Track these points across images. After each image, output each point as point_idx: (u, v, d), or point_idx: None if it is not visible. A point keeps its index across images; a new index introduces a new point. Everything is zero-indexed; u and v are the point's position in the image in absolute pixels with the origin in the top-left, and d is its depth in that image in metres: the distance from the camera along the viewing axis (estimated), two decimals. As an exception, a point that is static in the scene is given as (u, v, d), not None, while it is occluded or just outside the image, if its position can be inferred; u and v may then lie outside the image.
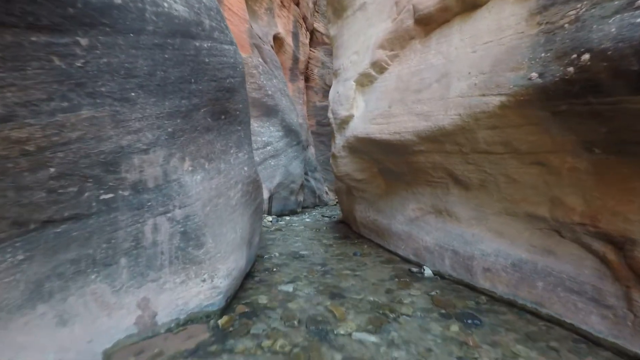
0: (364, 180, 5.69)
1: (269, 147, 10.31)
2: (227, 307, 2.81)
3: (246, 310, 2.80)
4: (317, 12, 19.08)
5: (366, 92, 4.95)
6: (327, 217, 9.99)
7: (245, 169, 3.39)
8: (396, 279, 3.80)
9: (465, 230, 3.76)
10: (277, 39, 14.34)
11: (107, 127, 2.11)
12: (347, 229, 7.45)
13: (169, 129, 2.43)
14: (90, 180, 2.13)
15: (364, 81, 4.93)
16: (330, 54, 19.49)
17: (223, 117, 3.04)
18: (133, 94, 2.18)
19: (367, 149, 4.93)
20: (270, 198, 9.49)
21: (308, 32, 17.80)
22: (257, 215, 3.94)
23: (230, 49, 3.04)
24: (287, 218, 9.51)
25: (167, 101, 2.38)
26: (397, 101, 4.18)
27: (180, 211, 2.52)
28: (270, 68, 11.94)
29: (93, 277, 2.23)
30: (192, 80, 2.57)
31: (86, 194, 2.13)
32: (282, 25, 14.64)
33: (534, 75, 2.45)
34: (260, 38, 12.14)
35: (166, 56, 2.34)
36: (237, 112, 3.24)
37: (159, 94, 2.33)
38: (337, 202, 15.29)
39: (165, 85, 2.36)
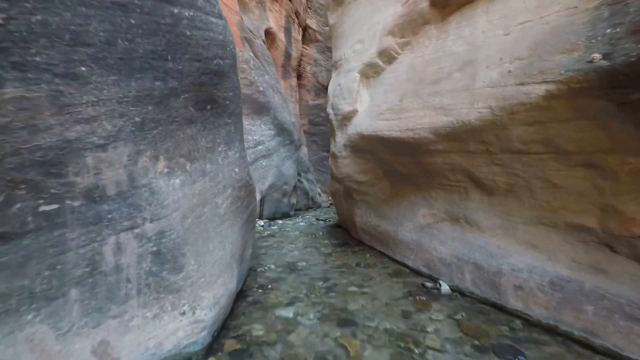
0: (366, 183, 5.20)
1: (260, 147, 9.73)
2: (214, 344, 2.25)
3: (237, 347, 2.25)
4: (310, 8, 18.56)
5: (372, 84, 4.45)
6: (322, 220, 9.47)
7: (237, 170, 2.83)
8: (411, 297, 3.30)
9: (489, 241, 3.30)
10: (269, 34, 13.75)
11: (46, 113, 1.53)
12: (345, 235, 6.94)
13: (137, 119, 1.86)
14: (23, 186, 1.54)
15: (370, 72, 4.43)
16: (323, 51, 19.01)
17: (209, 107, 2.48)
18: (84, 68, 1.60)
19: (372, 147, 4.43)
20: (262, 200, 8.91)
21: (300, 29, 17.27)
22: (249, 224, 3.38)
23: (219, 23, 2.49)
24: (280, 222, 8.94)
25: (134, 81, 1.81)
26: (409, 94, 3.69)
27: (153, 225, 1.95)
28: (262, 63, 11.35)
29: (29, 317, 1.65)
30: (169, 57, 2.01)
31: (16, 206, 1.54)
32: (274, 19, 14.06)
33: (597, 56, 1.99)
34: (251, 32, 11.53)
35: (132, 21, 1.77)
36: (227, 102, 2.68)
37: (122, 71, 1.75)
38: (330, 204, 14.79)
39: (131, 61, 1.79)
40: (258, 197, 8.75)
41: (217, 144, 2.61)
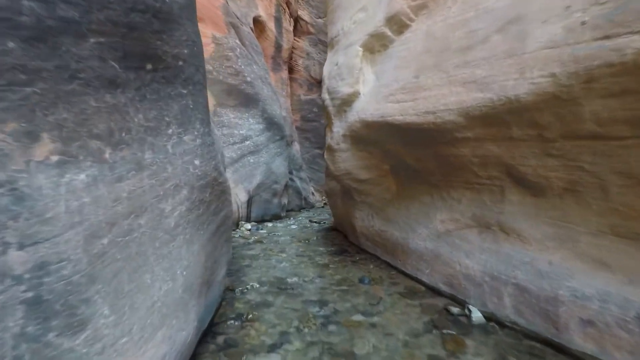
0: (369, 181, 4.40)
1: (247, 142, 8.86)
2: None
3: None
4: (302, -2, 17.68)
5: (378, 60, 3.65)
6: (315, 222, 8.66)
7: (197, 162, 1.99)
8: (435, 330, 2.52)
9: (537, 256, 2.53)
10: (258, 23, 12.86)
11: None
12: (343, 240, 6.15)
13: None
14: None
15: (375, 45, 3.63)
16: (316, 44, 18.18)
17: (150, 66, 1.64)
18: None
19: (378, 137, 3.63)
20: (249, 201, 8.05)
21: (292, 19, 16.39)
22: (221, 236, 2.55)
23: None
24: (270, 225, 8.10)
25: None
26: (428, 68, 2.91)
27: (23, 255, 1.11)
28: (250, 52, 10.47)
29: None
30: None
31: None
32: (263, 7, 13.16)
33: None
34: (237, 18, 10.62)
35: None
36: (180, 63, 1.84)
37: None
38: (325, 204, 13.99)
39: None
40: (245, 197, 7.90)
41: (166, 123, 1.77)
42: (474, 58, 2.52)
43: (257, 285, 3.50)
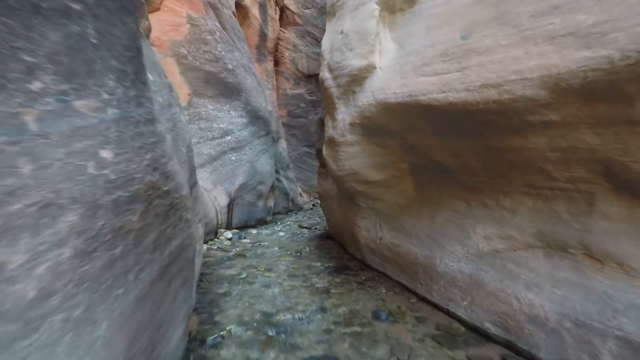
0: (380, 183, 3.49)
1: (228, 137, 7.82)
2: None
3: None
4: (288, -15, 16.63)
5: (400, 23, 2.73)
6: (306, 228, 7.71)
7: (106, 154, 1.00)
8: (511, 416, 1.64)
9: (658, 299, 1.70)
10: (241, 8, 11.75)
11: None
12: (341, 251, 5.24)
13: None
14: None
15: (397, 2, 2.72)
16: (303, 36, 17.15)
17: None
18: None
19: (401, 125, 2.71)
20: (231, 205, 7.00)
21: (278, 8, 15.31)
22: (172, 282, 1.57)
23: None
24: (254, 232, 7.08)
25: None
26: (485, 23, 2.02)
27: None
28: (231, 37, 9.38)
29: None
30: None
31: None
32: (247, -9, 12.07)
33: None
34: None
35: None
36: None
37: None
38: (314, 206, 13.06)
39: None
40: (226, 200, 6.85)
41: (24, 69, 0.78)
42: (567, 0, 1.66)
43: (237, 330, 2.52)
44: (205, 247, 5.32)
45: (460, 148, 2.49)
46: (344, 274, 4.08)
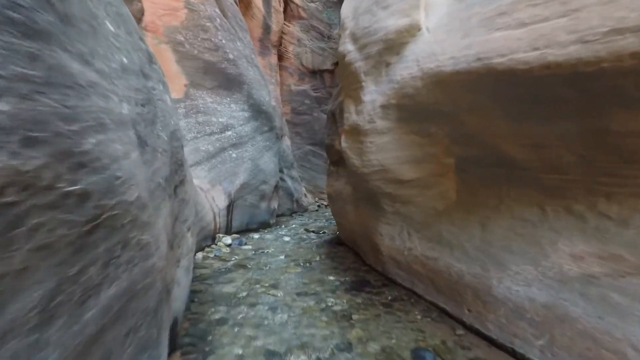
0: (414, 183, 2.81)
1: (229, 133, 7.16)
2: None
3: None
4: (293, -23, 15.98)
5: (456, -34, 2.05)
6: (313, 232, 7.03)
7: None
8: None
9: None
10: (243, -3, 11.10)
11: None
12: (356, 260, 4.56)
13: None
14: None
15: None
16: (308, 30, 16.48)
17: None
18: None
19: (454, 105, 2.03)
20: (230, 207, 6.33)
21: (282, 0, 14.65)
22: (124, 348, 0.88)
23: None
24: (256, 237, 6.41)
25: None
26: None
27: None
28: (233, 26, 8.74)
29: None
30: None
31: None
32: (250, -21, 11.44)
33: None
34: (218, -16, 8.85)
35: None
36: None
37: None
38: (319, 207, 12.38)
39: None
40: (225, 201, 6.17)
41: None
42: None
43: (235, 382, 1.84)
44: (200, 255, 4.66)
45: (545, 135, 1.80)
46: (364, 291, 3.39)
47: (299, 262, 4.47)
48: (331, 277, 3.82)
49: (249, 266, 4.25)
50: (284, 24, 15.26)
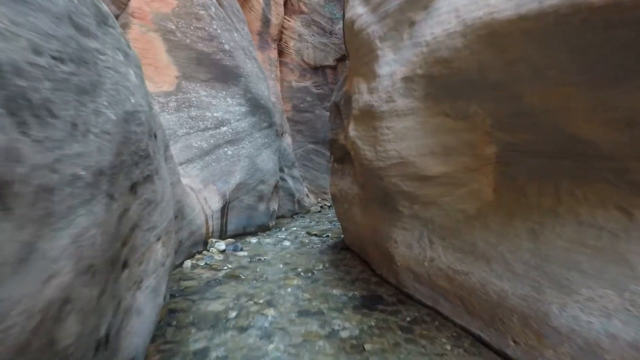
0: (441, 179, 2.26)
1: (224, 128, 6.65)
2: None
3: None
4: (294, -30, 15.46)
5: None
6: (316, 235, 6.48)
7: None
8: None
9: None
10: (241, -12, 10.58)
11: None
12: (365, 269, 4.01)
13: None
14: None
15: None
16: (309, 24, 15.93)
17: None
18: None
19: (509, 70, 1.48)
20: (225, 209, 5.80)
21: (282, -7, 14.13)
22: None
23: None
24: (253, 241, 5.87)
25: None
26: None
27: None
28: (229, 16, 8.23)
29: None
30: None
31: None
32: (248, -30, 10.94)
33: None
34: (213, -28, 8.34)
35: None
36: None
37: None
38: (322, 208, 11.84)
39: None
40: (218, 203, 5.63)
41: None
42: None
43: None
44: (189, 264, 4.13)
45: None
46: (377, 309, 2.85)
47: (300, 271, 3.93)
48: (337, 291, 3.27)
49: (243, 277, 3.71)
50: (284, 18, 14.73)
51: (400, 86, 1.86)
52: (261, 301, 2.98)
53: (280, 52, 14.58)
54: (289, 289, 3.33)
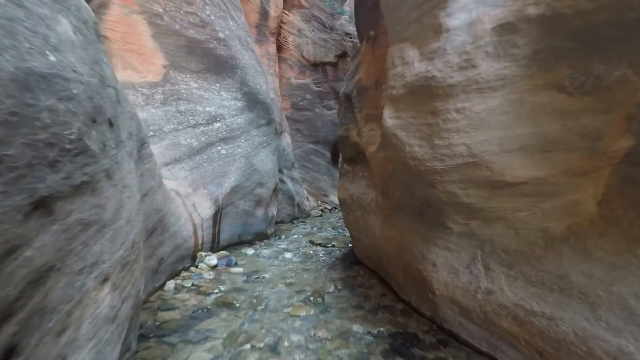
0: (525, 187, 1.57)
1: (218, 125, 5.92)
2: None
3: None
4: (293, -38, 14.77)
5: None
6: (320, 244, 5.76)
7: None
8: None
9: None
10: (237, -24, 9.84)
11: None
12: (385, 291, 3.31)
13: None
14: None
15: None
16: (309, 19, 15.21)
17: None
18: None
19: None
20: (218, 216, 5.06)
21: (281, -14, 13.44)
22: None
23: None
24: (250, 253, 5.14)
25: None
26: None
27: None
28: (224, 2, 7.51)
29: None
30: None
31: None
32: (245, -43, 10.22)
33: None
34: (207, -46, 7.62)
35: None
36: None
37: None
38: (322, 212, 11.13)
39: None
40: (210, 210, 4.89)
41: None
42: None
43: None
44: (172, 285, 3.40)
45: None
46: (415, 357, 2.14)
47: (308, 296, 3.21)
48: (357, 327, 2.56)
49: (238, 304, 2.98)
50: (283, 12, 14.03)
51: (490, 41, 1.16)
52: (261, 345, 2.26)
53: (279, 48, 13.86)
54: (297, 323, 2.61)
